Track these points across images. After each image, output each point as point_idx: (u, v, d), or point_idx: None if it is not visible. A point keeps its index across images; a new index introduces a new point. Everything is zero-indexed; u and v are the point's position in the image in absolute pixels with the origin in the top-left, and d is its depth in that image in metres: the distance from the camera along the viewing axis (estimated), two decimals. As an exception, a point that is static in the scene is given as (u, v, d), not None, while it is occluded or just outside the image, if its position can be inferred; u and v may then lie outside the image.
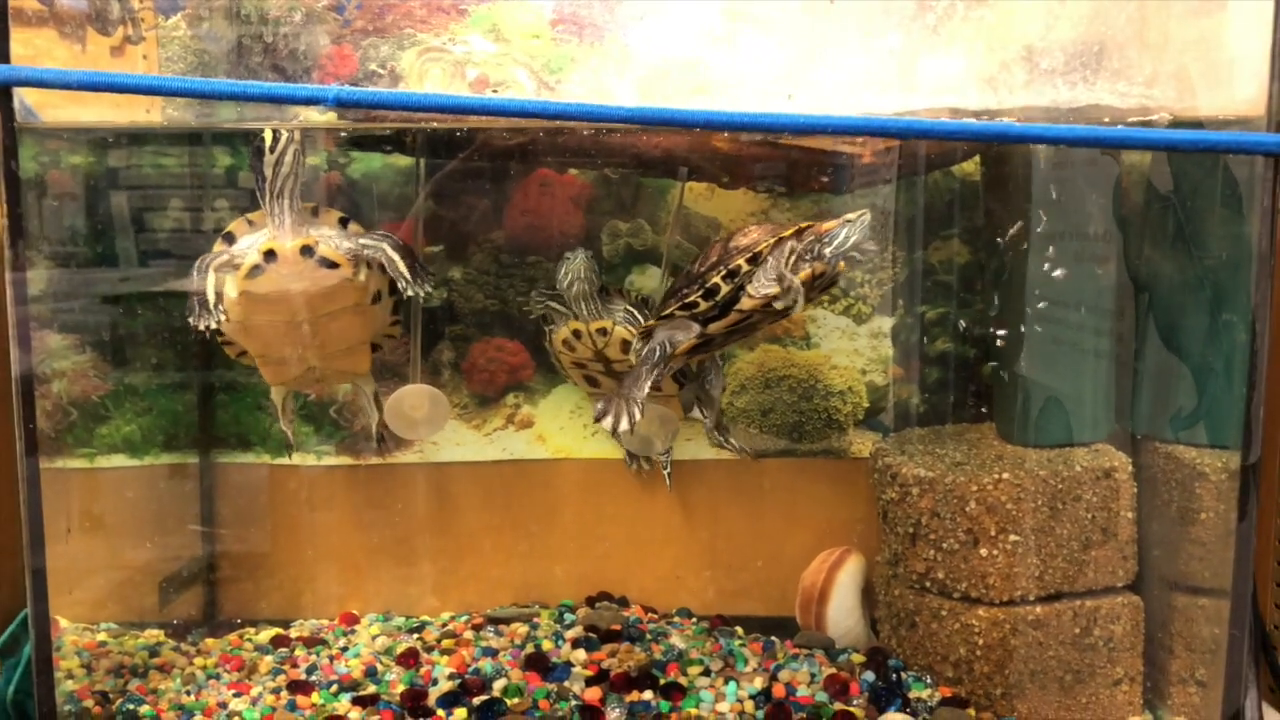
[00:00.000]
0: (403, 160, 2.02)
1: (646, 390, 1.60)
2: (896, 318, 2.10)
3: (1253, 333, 1.49)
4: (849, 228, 1.53)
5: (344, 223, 1.66)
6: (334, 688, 1.74)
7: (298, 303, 1.61)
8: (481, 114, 1.34)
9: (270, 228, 1.59)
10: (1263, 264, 1.50)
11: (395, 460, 2.11)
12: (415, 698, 1.70)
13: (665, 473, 1.99)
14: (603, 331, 1.70)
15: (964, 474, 1.71)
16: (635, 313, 1.79)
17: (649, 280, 2.09)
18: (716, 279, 1.56)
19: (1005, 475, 1.68)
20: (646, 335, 1.66)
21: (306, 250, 1.57)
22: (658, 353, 1.62)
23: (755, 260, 1.54)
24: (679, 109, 1.32)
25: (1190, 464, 1.70)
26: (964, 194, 2.02)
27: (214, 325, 1.57)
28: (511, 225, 2.07)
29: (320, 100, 1.33)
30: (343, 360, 1.74)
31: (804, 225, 1.56)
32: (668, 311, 1.62)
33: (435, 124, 1.68)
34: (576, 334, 1.73)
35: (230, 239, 1.65)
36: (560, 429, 2.12)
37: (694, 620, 2.05)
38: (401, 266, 1.61)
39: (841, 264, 1.56)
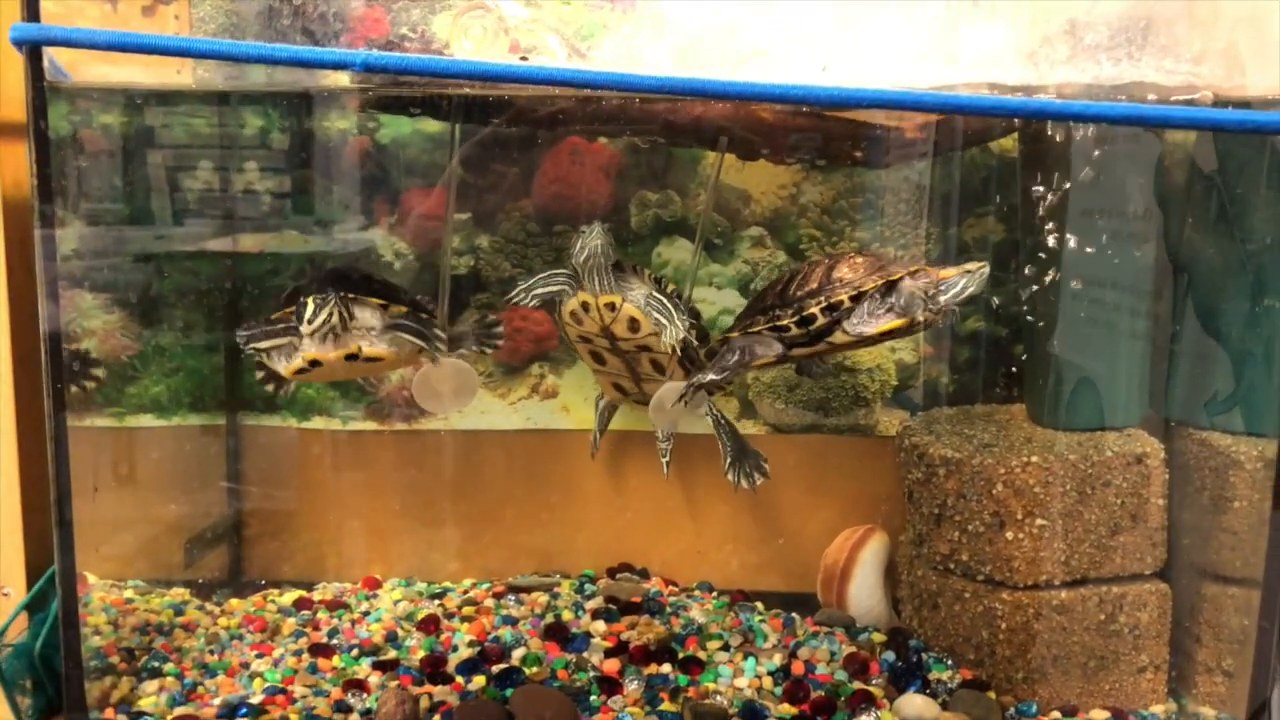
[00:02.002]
0: (431, 126, 2.01)
1: (708, 380, 1.66)
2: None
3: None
4: (968, 278, 1.53)
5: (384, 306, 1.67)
6: (355, 651, 1.76)
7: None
8: (511, 81, 1.32)
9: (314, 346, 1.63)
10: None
11: (420, 426, 2.12)
12: (435, 664, 1.71)
13: (664, 460, 1.96)
14: (611, 307, 1.67)
15: (992, 456, 1.69)
16: (664, 299, 1.72)
17: (676, 252, 2.07)
18: (815, 309, 1.56)
19: (1034, 458, 1.66)
20: (725, 342, 1.69)
21: (351, 357, 1.64)
22: (734, 358, 1.65)
23: (859, 299, 1.53)
24: (707, 79, 1.29)
25: (1225, 451, 1.67)
26: (1001, 170, 1.99)
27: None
28: (540, 194, 2.06)
29: (348, 65, 1.32)
30: None
31: (916, 268, 1.56)
32: (757, 329, 1.62)
33: (468, 90, 1.65)
34: (585, 306, 1.69)
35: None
36: (585, 400, 2.11)
37: (715, 594, 2.04)
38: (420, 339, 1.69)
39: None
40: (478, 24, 1.48)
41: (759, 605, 1.98)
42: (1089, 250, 1.73)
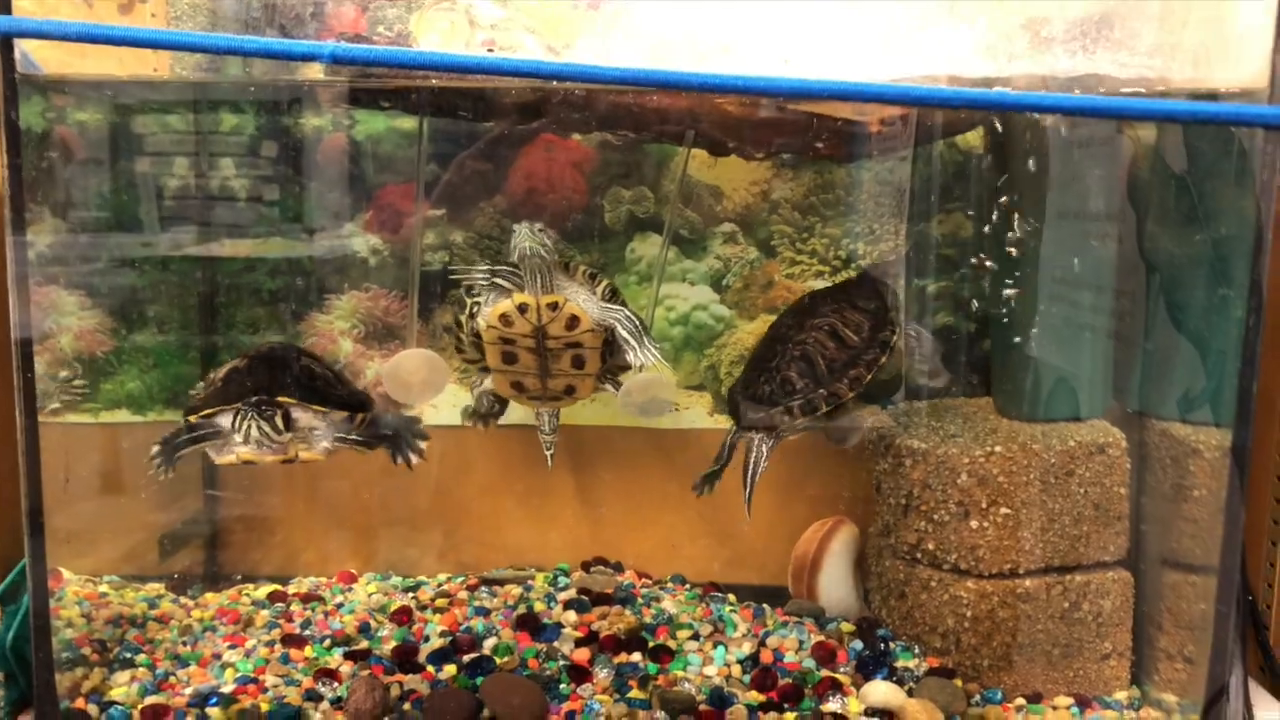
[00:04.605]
0: (407, 123, 2.02)
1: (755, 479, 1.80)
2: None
3: (1248, 308, 1.48)
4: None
5: None
6: (327, 642, 1.77)
7: None
8: (475, 73, 1.34)
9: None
10: (1259, 238, 1.48)
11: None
12: (406, 653, 1.72)
13: (548, 453, 1.94)
14: (553, 306, 1.64)
15: (957, 446, 1.71)
16: (632, 318, 1.72)
17: (650, 248, 2.09)
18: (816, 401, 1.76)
19: (998, 448, 1.68)
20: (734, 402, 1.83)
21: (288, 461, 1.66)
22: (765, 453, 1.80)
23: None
24: (670, 71, 1.31)
25: (1185, 441, 1.69)
26: (968, 167, 2.01)
27: None
28: (514, 190, 2.07)
29: (316, 56, 1.33)
30: None
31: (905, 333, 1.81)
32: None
33: (435, 81, 1.67)
34: (522, 308, 1.64)
35: None
36: (558, 396, 2.12)
37: (687, 586, 2.05)
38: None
39: None
40: (445, 17, 1.50)
41: (731, 597, 1.99)
42: (1054, 247, 1.75)
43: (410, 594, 1.99)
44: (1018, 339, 1.80)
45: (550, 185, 2.07)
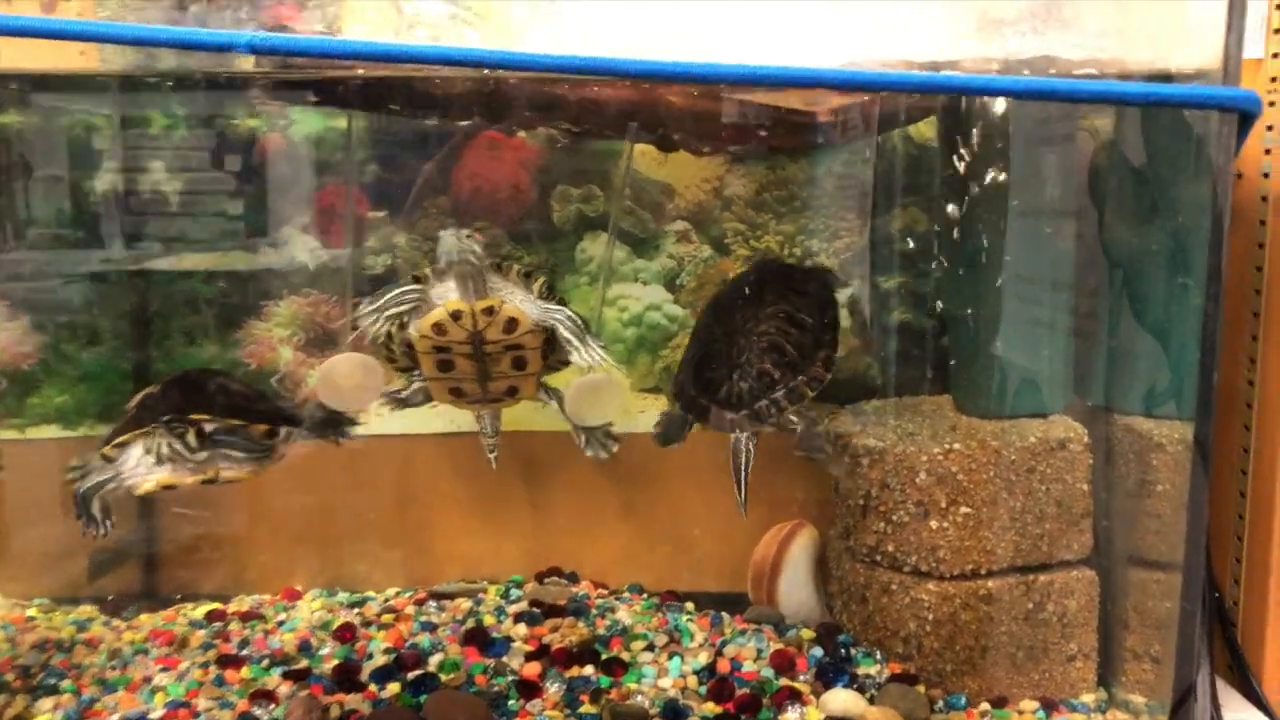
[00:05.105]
0: (344, 123, 1.96)
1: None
2: (853, 287, 2.03)
3: (1207, 295, 1.44)
4: None
5: None
6: (265, 662, 1.69)
7: None
8: (406, 62, 1.28)
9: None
10: (1218, 225, 1.45)
11: (341, 433, 2.04)
12: (348, 672, 1.65)
13: (491, 455, 1.88)
14: (489, 311, 1.57)
15: (914, 444, 1.66)
16: (572, 319, 1.65)
17: (600, 247, 2.04)
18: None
19: (957, 445, 1.64)
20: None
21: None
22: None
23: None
24: (606, 58, 1.25)
25: (1147, 435, 1.65)
26: (923, 159, 1.97)
27: None
28: (458, 190, 2.01)
29: (233, 46, 1.27)
30: None
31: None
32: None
33: (361, 72, 1.60)
34: (456, 315, 1.56)
35: None
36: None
37: (644, 596, 2.00)
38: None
39: None
40: (371, 5, 1.44)
41: (689, 606, 1.94)
42: (1015, 240, 1.71)
43: (355, 610, 1.91)
44: (977, 334, 1.77)
45: (496, 185, 2.01)
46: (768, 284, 1.82)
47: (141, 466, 1.54)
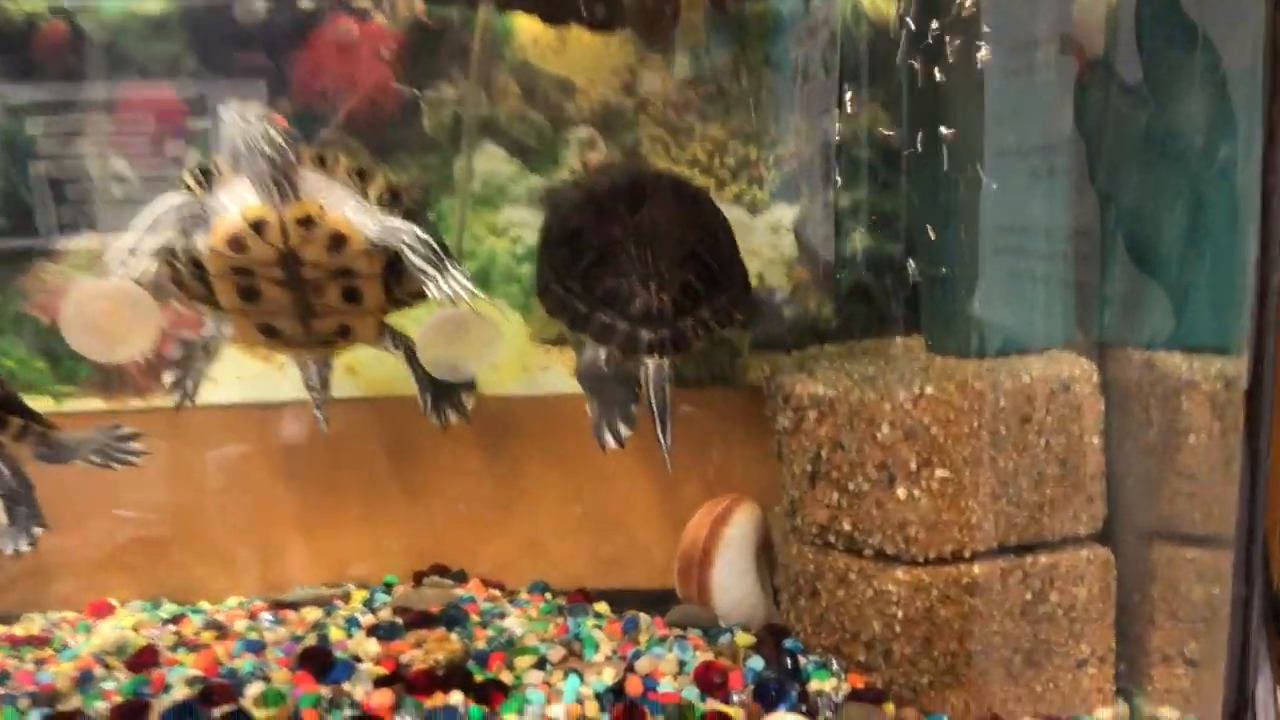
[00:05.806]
0: (150, 6, 1.58)
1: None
2: (801, 206, 1.75)
3: (1265, 210, 1.19)
4: None
5: None
6: (25, 701, 1.30)
7: None
8: None
9: None
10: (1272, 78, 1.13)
11: (162, 402, 1.66)
12: (130, 713, 1.26)
13: (318, 414, 1.60)
14: (306, 222, 1.23)
15: (875, 390, 1.35)
16: (427, 242, 1.32)
17: (488, 161, 1.73)
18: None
19: (929, 389, 1.33)
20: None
21: None
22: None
23: None
24: None
25: (1175, 374, 1.37)
26: (882, 43, 1.63)
27: None
28: (302, 90, 1.64)
29: None
30: None
31: None
32: None
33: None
34: (258, 226, 1.22)
35: None
36: (378, 357, 1.67)
37: (547, 596, 1.71)
38: None
39: None
40: None
41: (600, 608, 1.63)
42: (994, 140, 1.46)
43: (171, 626, 1.53)
44: (953, 255, 1.52)
45: (346, 82, 1.63)
46: (650, 189, 1.52)
47: None
